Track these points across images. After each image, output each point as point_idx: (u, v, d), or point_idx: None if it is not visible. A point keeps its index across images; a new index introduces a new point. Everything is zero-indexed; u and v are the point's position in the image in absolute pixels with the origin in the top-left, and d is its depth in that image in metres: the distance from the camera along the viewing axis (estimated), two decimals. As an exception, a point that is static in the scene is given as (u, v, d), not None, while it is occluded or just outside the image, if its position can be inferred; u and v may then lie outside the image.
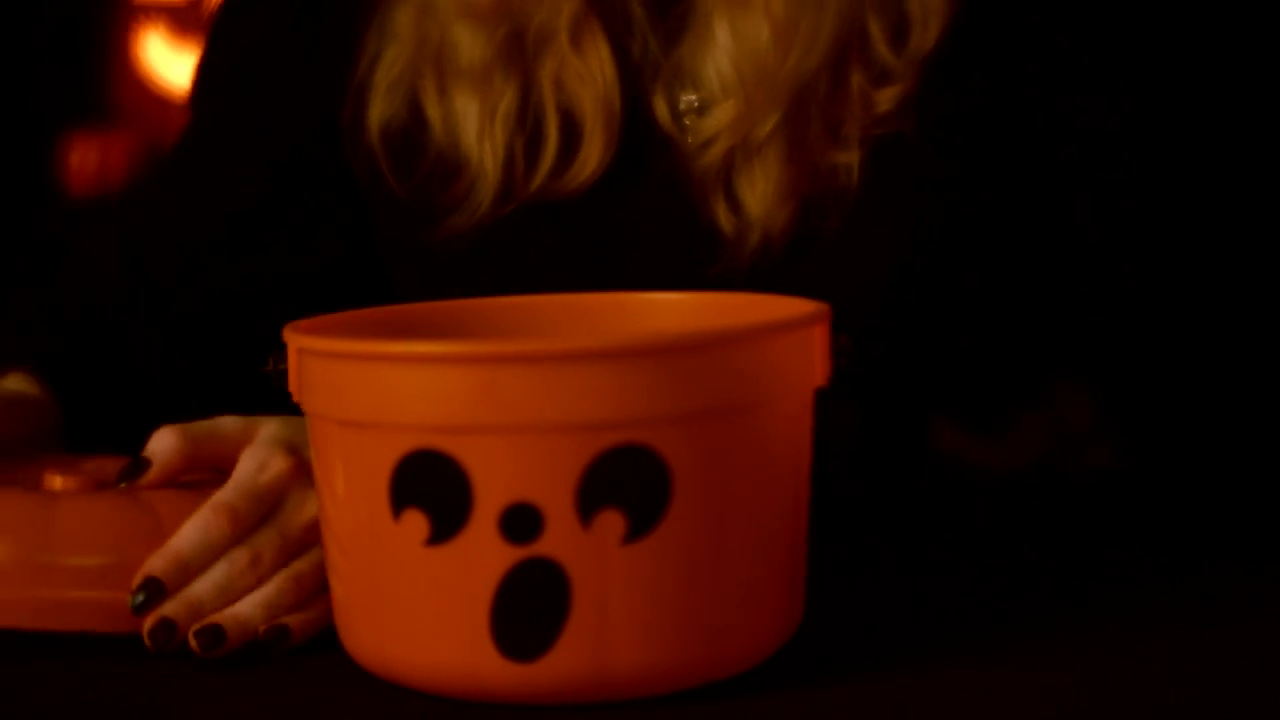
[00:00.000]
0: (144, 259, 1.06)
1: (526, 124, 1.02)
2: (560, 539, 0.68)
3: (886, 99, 1.01)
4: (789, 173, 1.01)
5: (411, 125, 1.04)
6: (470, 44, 1.01)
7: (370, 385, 0.70)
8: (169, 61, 2.00)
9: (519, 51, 1.02)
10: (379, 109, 1.04)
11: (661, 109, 1.03)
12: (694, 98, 1.03)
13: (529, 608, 0.69)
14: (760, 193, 1.01)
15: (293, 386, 0.74)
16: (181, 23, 2.00)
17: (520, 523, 0.68)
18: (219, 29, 1.13)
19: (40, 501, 0.77)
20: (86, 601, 0.75)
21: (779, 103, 1.00)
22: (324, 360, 0.72)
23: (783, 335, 0.72)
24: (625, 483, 0.68)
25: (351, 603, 0.73)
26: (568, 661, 0.69)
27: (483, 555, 0.69)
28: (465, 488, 0.69)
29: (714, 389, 0.70)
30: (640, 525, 0.69)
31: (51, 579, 0.75)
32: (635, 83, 1.03)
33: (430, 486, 0.69)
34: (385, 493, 0.70)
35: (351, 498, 0.72)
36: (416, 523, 0.69)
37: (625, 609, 0.69)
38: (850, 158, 1.02)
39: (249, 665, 0.75)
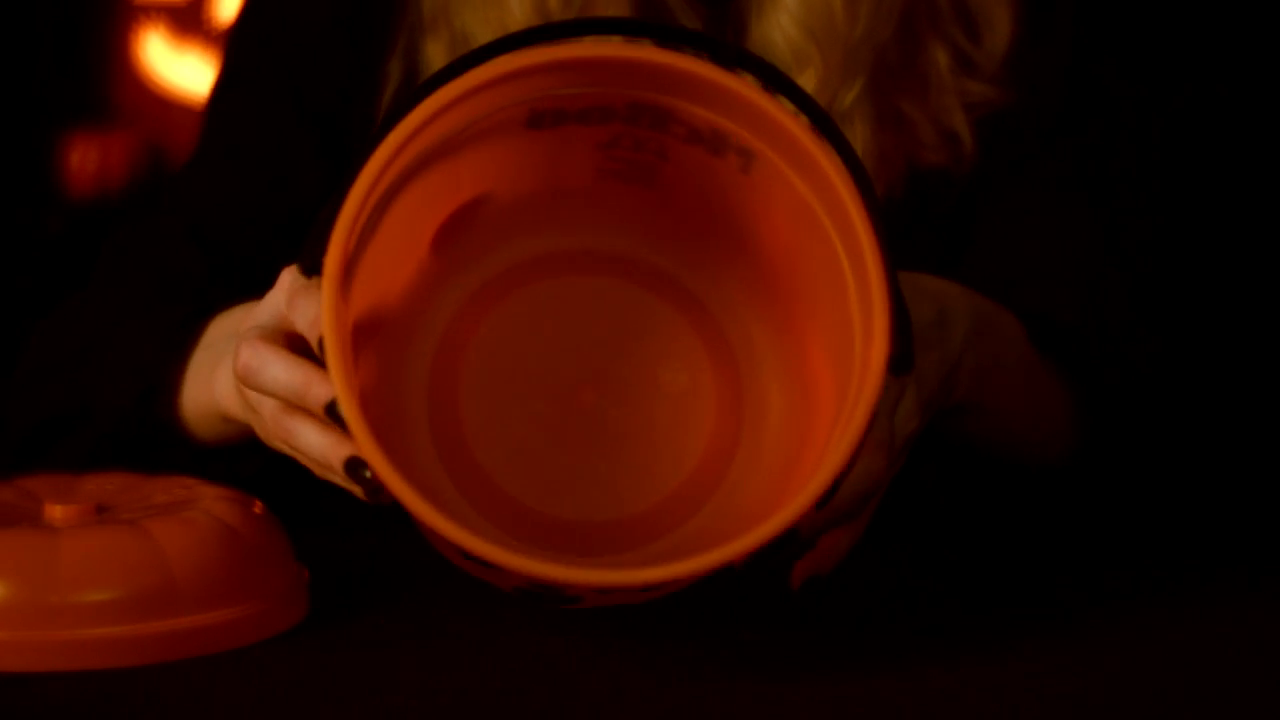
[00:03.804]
0: (213, 244, 1.05)
1: None
2: None
3: (977, 91, 1.03)
4: (880, 142, 1.02)
5: None
6: None
7: None
8: (169, 61, 2.00)
9: None
10: None
11: None
12: None
13: None
14: None
15: None
16: (181, 23, 2.00)
17: None
18: (256, 26, 1.12)
19: (43, 539, 0.78)
20: (92, 639, 0.76)
21: (860, 69, 1.01)
22: None
23: None
24: None
25: None
26: None
27: None
28: None
29: None
30: None
31: (57, 618, 0.76)
32: None
33: None
34: None
35: None
36: None
37: None
38: (957, 135, 1.03)
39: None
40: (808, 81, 1.01)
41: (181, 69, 1.99)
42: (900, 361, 0.71)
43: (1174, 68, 1.12)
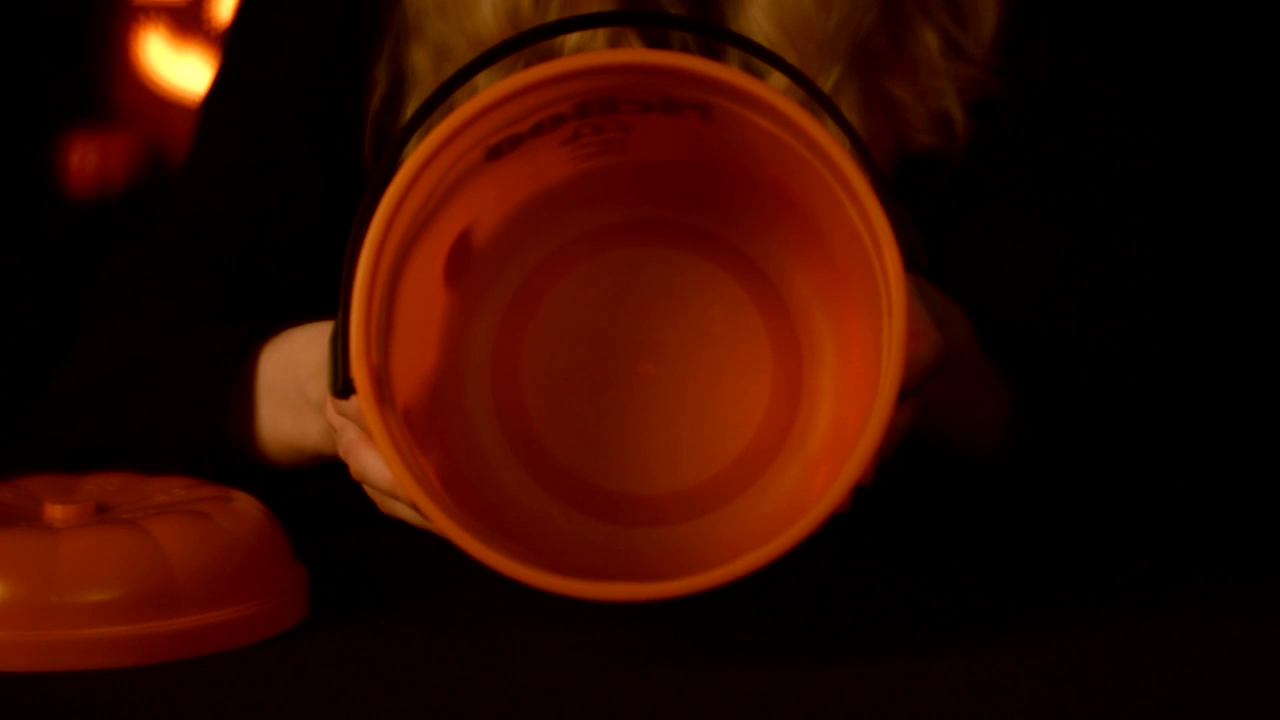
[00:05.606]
0: (219, 260, 1.06)
1: None
2: None
3: (968, 74, 1.04)
4: (867, 126, 1.03)
5: None
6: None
7: None
8: (169, 61, 2.00)
9: None
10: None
11: None
12: None
13: None
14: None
15: None
16: (181, 23, 2.00)
17: None
18: (248, 36, 1.12)
19: (43, 539, 0.78)
20: (92, 639, 0.76)
21: (837, 57, 1.01)
22: None
23: None
24: None
25: None
26: None
27: None
28: None
29: None
30: None
31: (57, 618, 0.76)
32: None
33: None
34: None
35: None
36: None
37: None
38: (949, 116, 1.04)
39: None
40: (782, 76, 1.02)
41: (181, 69, 1.99)
42: (913, 259, 0.73)
43: (1154, 66, 1.12)
